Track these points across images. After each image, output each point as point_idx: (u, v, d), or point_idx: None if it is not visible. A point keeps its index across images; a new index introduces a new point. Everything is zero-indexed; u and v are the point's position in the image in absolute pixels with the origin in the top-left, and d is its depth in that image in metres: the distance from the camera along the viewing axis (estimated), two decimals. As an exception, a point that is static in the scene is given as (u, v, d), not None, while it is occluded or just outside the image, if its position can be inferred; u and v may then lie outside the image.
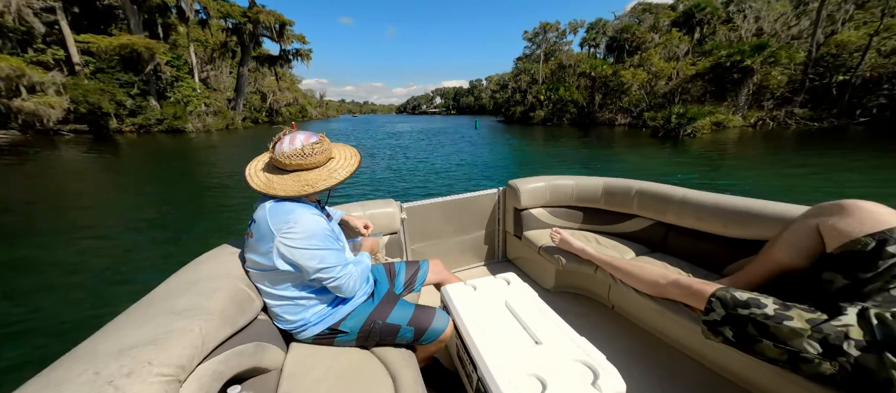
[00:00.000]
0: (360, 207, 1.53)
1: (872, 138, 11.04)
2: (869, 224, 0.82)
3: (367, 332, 0.93)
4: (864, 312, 0.76)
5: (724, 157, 9.46)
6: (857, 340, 0.73)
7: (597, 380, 0.70)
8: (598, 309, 1.53)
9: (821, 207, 0.95)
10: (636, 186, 1.63)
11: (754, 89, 18.23)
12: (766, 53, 16.85)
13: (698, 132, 15.33)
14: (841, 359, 0.73)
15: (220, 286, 0.78)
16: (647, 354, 1.23)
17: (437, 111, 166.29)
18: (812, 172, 6.65)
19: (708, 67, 19.38)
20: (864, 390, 0.71)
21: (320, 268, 0.82)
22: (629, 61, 28.30)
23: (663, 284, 1.10)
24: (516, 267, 1.98)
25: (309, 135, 0.87)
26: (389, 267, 1.18)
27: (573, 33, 42.18)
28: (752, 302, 0.85)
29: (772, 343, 0.80)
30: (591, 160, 10.19)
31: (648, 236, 1.60)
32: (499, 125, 34.70)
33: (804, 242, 0.94)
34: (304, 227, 0.80)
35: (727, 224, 1.26)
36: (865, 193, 5.32)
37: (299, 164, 0.83)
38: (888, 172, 6.18)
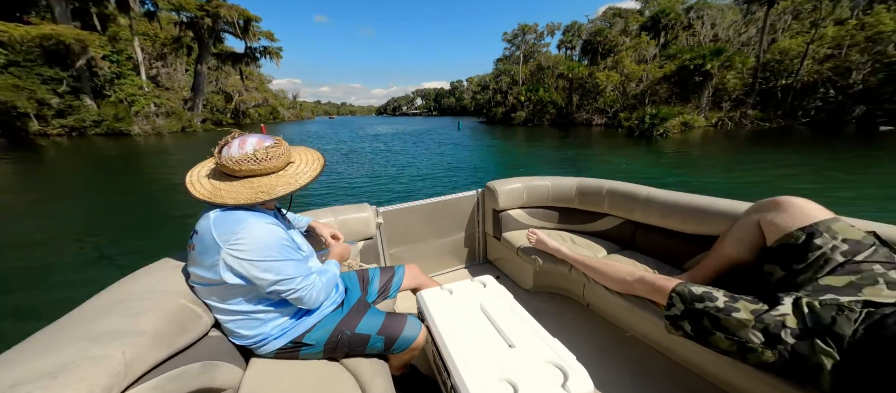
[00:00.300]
0: (332, 213, 1.47)
1: (812, 137, 12.54)
2: (800, 219, 0.90)
3: (334, 343, 0.90)
4: (797, 301, 0.81)
5: (696, 156, 10.33)
6: (793, 329, 0.78)
7: (567, 381, 0.72)
8: (575, 307, 1.57)
9: (761, 203, 1.02)
10: (607, 186, 1.69)
11: (713, 92, 20.07)
12: (723, 58, 18.65)
13: (670, 132, 16.55)
14: (780, 347, 0.78)
15: (156, 304, 0.73)
16: (619, 349, 1.28)
17: (418, 112, 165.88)
18: (761, 169, 7.47)
19: (674, 70, 21.05)
20: (800, 376, 0.77)
21: (277, 280, 0.77)
22: (603, 63, 30.02)
23: (630, 282, 1.14)
24: (497, 268, 2.01)
25: (262, 138, 0.82)
26: (362, 274, 1.16)
27: (550, 35, 43.96)
28: (706, 296, 0.90)
29: (723, 335, 0.85)
30: (577, 161, 10.53)
31: (619, 234, 1.66)
32: (481, 126, 34.61)
33: (748, 236, 1.01)
34: (256, 237, 0.75)
35: (686, 221, 1.33)
36: (802, 189, 6.28)
37: (252, 169, 0.78)
38: (822, 169, 7.13)
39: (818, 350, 0.73)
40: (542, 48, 45.12)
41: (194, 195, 0.78)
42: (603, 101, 27.92)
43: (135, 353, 0.61)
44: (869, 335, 0.70)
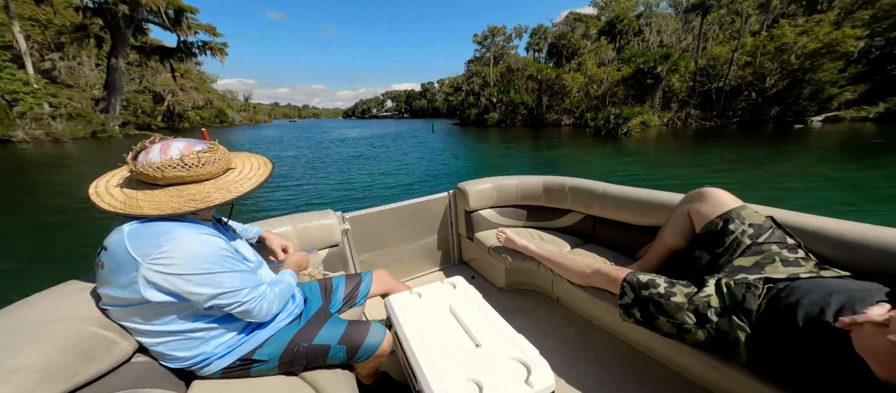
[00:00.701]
0: (290, 221, 1.41)
1: (739, 135, 14.89)
2: (718, 207, 1.04)
3: (290, 356, 0.87)
4: (719, 282, 0.91)
5: (661, 153, 11.53)
6: (716, 308, 0.87)
7: (529, 376, 0.75)
8: (545, 302, 1.63)
9: (689, 195, 1.17)
10: (569, 183, 1.79)
11: (663, 93, 22.87)
12: (670, 62, 21.36)
13: (632, 131, 18.43)
14: (708, 325, 0.87)
15: (49, 335, 0.65)
16: (586, 340, 1.35)
17: (389, 115, 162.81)
18: (702, 163, 8.86)
19: (631, 73, 23.58)
20: (725, 351, 0.85)
21: (218, 294, 0.72)
22: (568, 66, 32.46)
23: (589, 274, 1.22)
24: (472, 269, 2.06)
25: (191, 142, 0.76)
26: (325, 283, 1.14)
27: (518, 38, 46.20)
28: (650, 283, 0.99)
29: (665, 319, 0.93)
30: (556, 163, 10.80)
31: (581, 229, 1.78)
32: (455, 128, 34.69)
33: (681, 225, 1.15)
34: (187, 249, 0.68)
35: (635, 213, 1.47)
36: (723, 181, 7.42)
37: (180, 176, 0.72)
38: (745, 162, 8.62)
39: (735, 326, 0.83)
40: (511, 50, 47.31)
41: (101, 207, 0.70)
42: (569, 101, 30.13)
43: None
44: (769, 308, 0.80)
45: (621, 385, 1.13)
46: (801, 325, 0.73)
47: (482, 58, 48.52)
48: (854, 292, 0.73)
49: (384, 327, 0.99)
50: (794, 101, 17.21)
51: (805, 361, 0.73)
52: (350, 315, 1.14)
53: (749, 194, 1.39)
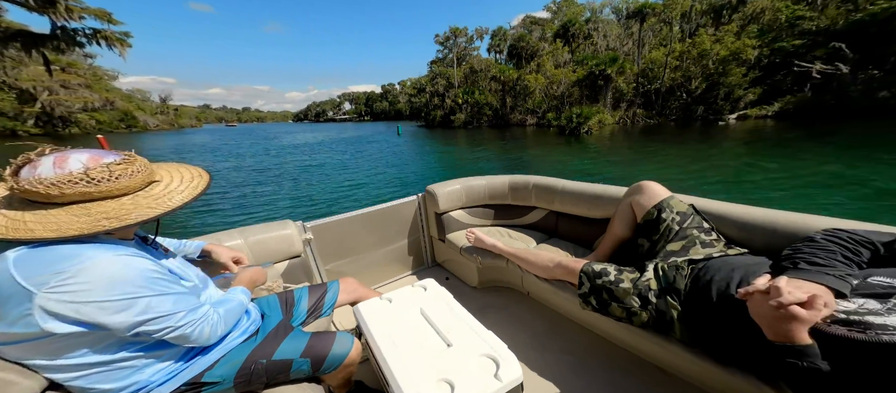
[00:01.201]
0: (240, 235, 1.35)
1: (676, 131, 17.58)
2: (653, 198, 1.19)
3: (247, 375, 0.84)
4: (656, 266, 1.03)
5: (621, 149, 12.90)
6: (655, 290, 0.98)
7: (498, 370, 0.80)
8: (516, 298, 1.71)
9: (631, 188, 1.31)
10: (533, 181, 1.89)
11: (613, 94, 25.76)
12: (617, 65, 24.14)
13: (593, 129, 20.36)
14: (649, 307, 0.97)
15: None
16: (554, 332, 1.43)
17: (348, 117, 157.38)
18: (646, 157, 10.21)
19: (585, 75, 26.10)
20: (664, 329, 0.97)
21: (144, 320, 0.66)
22: (528, 67, 34.70)
23: (552, 267, 1.32)
24: (446, 270, 2.11)
25: (100, 154, 0.68)
26: (286, 296, 1.12)
27: (480, 39, 47.92)
28: (603, 272, 1.10)
29: (617, 304, 1.04)
30: (530, 164, 11.17)
31: (545, 225, 1.89)
32: (421, 130, 34.56)
33: (626, 216, 1.29)
34: (101, 273, 0.62)
35: (590, 207, 1.60)
36: (666, 172, 8.10)
37: (86, 192, 0.64)
38: (679, 157, 9.94)
39: (669, 305, 0.95)
40: (473, 51, 48.88)
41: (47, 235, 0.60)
42: (532, 102, 32.21)
43: None
44: (693, 287, 0.92)
45: (587, 371, 1.22)
46: (715, 299, 0.86)
47: (445, 59, 49.32)
48: (749, 267, 0.87)
49: (352, 336, 0.99)
50: (714, 101, 20.76)
51: (722, 331, 0.85)
52: (317, 326, 1.13)
53: (685, 183, 1.74)
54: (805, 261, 0.75)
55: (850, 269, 0.72)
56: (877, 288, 0.66)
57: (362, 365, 1.10)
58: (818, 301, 0.63)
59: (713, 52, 20.26)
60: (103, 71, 41.04)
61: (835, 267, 0.71)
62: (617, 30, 32.70)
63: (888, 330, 0.59)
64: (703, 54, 20.61)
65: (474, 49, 49.21)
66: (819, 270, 0.71)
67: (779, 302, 0.64)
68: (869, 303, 0.65)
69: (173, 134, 45.70)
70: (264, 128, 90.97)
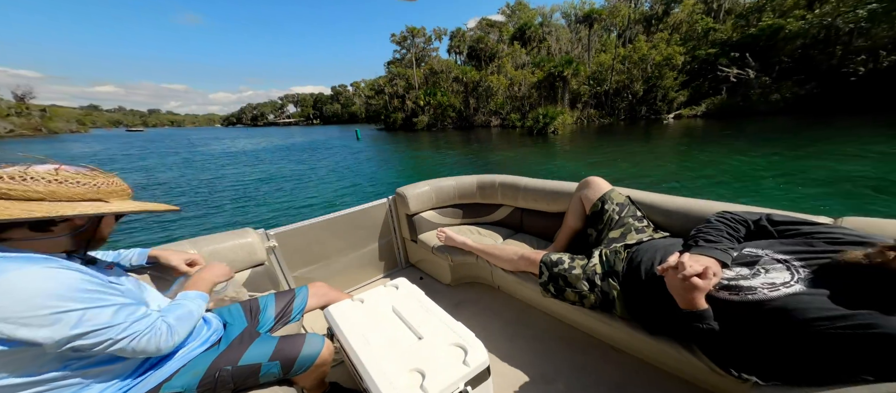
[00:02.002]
0: (192, 245, 1.34)
1: (626, 130, 20.25)
2: (598, 192, 1.42)
3: (212, 382, 0.85)
4: (601, 253, 1.23)
5: (588, 148, 13.92)
6: (599, 274, 1.17)
7: (466, 356, 0.89)
8: (487, 292, 1.85)
9: (580, 183, 1.53)
10: (498, 180, 2.05)
11: (570, 95, 28.66)
12: (573, 67, 26.90)
13: (558, 129, 22.08)
14: (596, 289, 1.16)
15: None
16: (522, 321, 1.58)
17: (294, 121, 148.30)
18: (618, 156, 11.56)
19: (544, 76, 28.49)
20: (608, 308, 1.16)
21: (80, 333, 0.64)
22: (489, 68, 36.44)
23: (516, 260, 1.47)
24: (419, 270, 2.24)
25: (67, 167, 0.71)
26: (249, 304, 1.14)
27: (438, 40, 48.60)
28: (559, 261, 1.28)
29: (571, 290, 1.21)
30: (508, 167, 11.62)
31: (511, 221, 2.06)
32: (382, 135, 33.82)
33: (577, 209, 1.51)
34: (20, 287, 0.60)
35: (549, 202, 1.77)
36: (602, 170, 9.51)
37: (65, 192, 0.68)
38: (628, 153, 11.66)
39: (611, 286, 1.13)
40: (432, 52, 49.47)
41: None
42: (494, 103, 33.79)
43: None
44: (628, 268, 1.11)
45: (549, 353, 1.38)
46: (644, 277, 1.02)
47: (404, 59, 48.94)
48: (668, 248, 1.04)
49: (322, 336, 1.02)
50: (654, 102, 24.54)
51: (651, 305, 1.00)
52: (287, 332, 1.15)
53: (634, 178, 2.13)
54: (703, 239, 0.92)
55: (732, 243, 0.90)
56: (747, 257, 0.84)
57: (337, 368, 1.21)
58: (709, 271, 0.79)
59: (650, 58, 23.93)
60: None
61: (721, 242, 0.89)
62: (567, 34, 36.28)
63: (753, 291, 0.76)
64: (643, 59, 24.21)
65: (433, 50, 49.87)
66: (711, 245, 0.88)
67: (683, 275, 0.79)
68: (742, 271, 0.82)
69: (41, 142, 35.11)
70: (183, 133, 76.49)
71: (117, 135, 65.14)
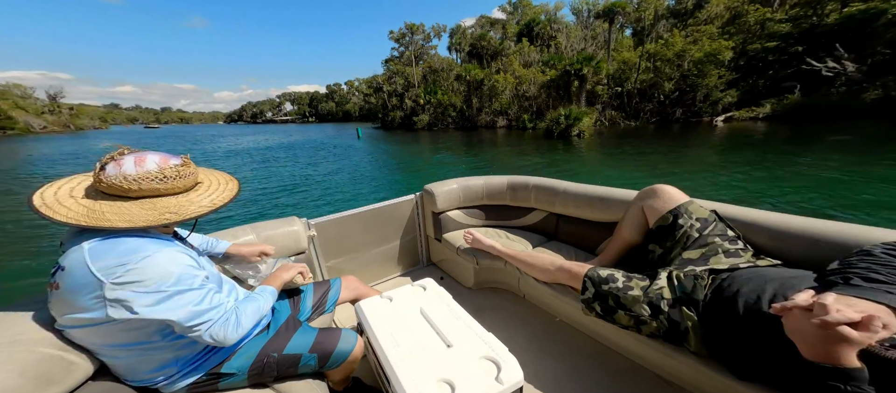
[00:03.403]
0: (252, 230, 1.37)
1: (661, 134, 15.95)
2: (669, 203, 1.13)
3: (259, 368, 0.86)
4: (670, 274, 0.97)
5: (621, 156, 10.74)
6: (668, 299, 0.93)
7: (499, 373, 0.78)
8: (512, 300, 1.67)
9: (643, 191, 1.24)
10: (533, 182, 1.84)
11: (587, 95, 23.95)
12: (593, 64, 22.27)
13: (585, 132, 17.65)
14: (661, 316, 0.92)
15: (3, 359, 0.62)
16: (552, 335, 1.40)
17: (291, 119, 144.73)
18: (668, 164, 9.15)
19: (557, 75, 23.86)
20: (677, 340, 0.91)
21: (182, 318, 0.68)
22: (495, 66, 31.98)
23: (552, 271, 1.27)
24: (441, 270, 2.07)
25: (167, 156, 0.74)
26: (292, 291, 1.11)
27: (437, 38, 44.07)
28: (609, 278, 1.05)
29: (624, 312, 0.99)
30: (552, 172, 9.30)
31: (545, 227, 1.83)
32: (381, 133, 31.27)
33: (636, 220, 1.23)
34: (155, 267, 0.65)
35: (594, 210, 1.53)
36: (671, 175, 7.16)
37: (155, 189, 0.70)
38: (685, 160, 9.31)
39: (685, 316, 0.89)
40: (431, 50, 44.88)
41: (55, 219, 0.64)
42: (499, 103, 29.39)
43: None
44: (714, 298, 0.86)
45: (584, 376, 1.19)
46: (741, 312, 0.80)
47: (402, 57, 44.27)
48: (786, 280, 0.80)
49: (355, 333, 0.99)
50: (692, 103, 19.89)
51: (746, 346, 0.79)
52: (320, 322, 1.14)
53: (692, 191, 1.17)
54: (860, 277, 0.69)
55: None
56: None
57: (360, 362, 1.09)
58: (875, 322, 0.56)
59: (689, 54, 19.25)
60: None
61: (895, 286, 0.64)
62: (578, 31, 31.67)
63: None
64: (680, 55, 19.52)
65: (432, 48, 45.12)
66: (879, 287, 0.65)
67: (824, 320, 0.58)
68: None
69: (69, 138, 34.19)
70: (192, 130, 77.55)
71: (135, 131, 66.50)
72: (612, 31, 25.24)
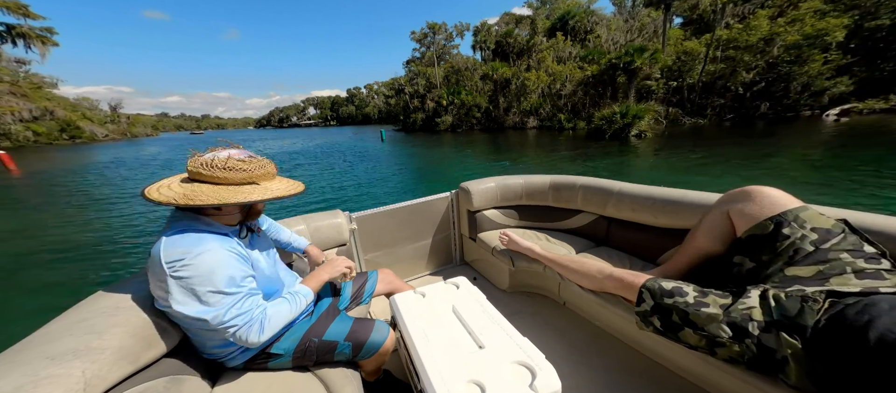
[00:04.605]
0: (303, 221, 1.41)
1: (744, 133, 12.30)
2: (768, 208, 0.88)
3: (302, 351, 0.88)
4: (765, 293, 0.78)
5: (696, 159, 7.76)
6: (759, 321, 0.74)
7: (534, 380, 0.71)
8: (550, 306, 1.53)
9: (730, 194, 0.99)
10: (580, 182, 1.66)
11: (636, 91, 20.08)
12: (647, 55, 18.47)
13: (647, 132, 14.28)
14: (747, 340, 0.74)
15: (120, 321, 0.71)
16: (594, 346, 1.26)
17: (313, 123, 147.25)
18: None
19: (600, 70, 20.18)
20: (768, 369, 0.73)
21: (210, 315, 0.71)
22: (524, 63, 28.56)
23: (601, 279, 1.11)
24: (474, 270, 1.97)
25: (248, 151, 0.84)
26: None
27: (460, 37, 40.93)
28: (676, 291, 0.87)
29: (692, 330, 0.82)
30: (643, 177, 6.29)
31: (593, 231, 1.63)
32: (401, 136, 28.93)
33: (719, 228, 0.99)
34: (205, 264, 0.71)
35: (657, 214, 1.31)
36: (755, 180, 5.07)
37: (242, 175, 0.78)
38: (766, 162, 6.75)
39: (784, 343, 0.71)
40: (453, 49, 41.78)
41: (160, 201, 0.73)
42: (529, 102, 25.97)
43: (96, 370, 0.61)
44: (831, 326, 0.67)
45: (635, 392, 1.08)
46: (874, 347, 0.61)
47: (423, 57, 41.44)
48: None
49: (388, 326, 0.98)
50: (784, 95, 15.71)
51: (877, 386, 0.61)
52: (356, 313, 1.13)
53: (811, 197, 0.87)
54: None
55: None
56: None
57: (390, 355, 1.05)
58: None
59: (780, 38, 15.09)
60: (39, 78, 33.71)
61: None
62: (618, 23, 27.54)
63: None
64: (770, 40, 15.39)
65: (454, 47, 41.96)
66: None
67: None
68: None
69: (125, 144, 35.85)
70: (228, 135, 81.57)
71: (182, 137, 71.41)
72: (668, 19, 21.10)
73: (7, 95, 25.29)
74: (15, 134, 25.84)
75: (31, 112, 27.33)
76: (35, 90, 30.88)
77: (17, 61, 24.48)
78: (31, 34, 16.09)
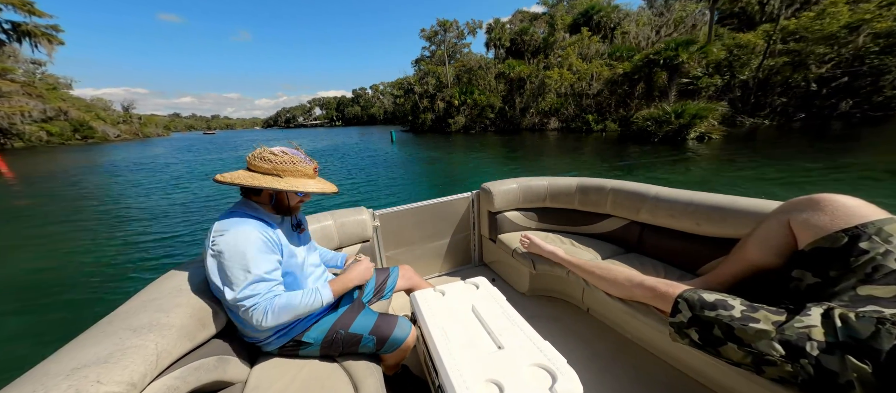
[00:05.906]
0: (331, 216, 1.45)
1: (822, 137, 9.82)
2: (842, 219, 0.76)
3: (330, 341, 0.91)
4: (829, 312, 0.70)
5: None
6: (820, 342, 0.67)
7: (555, 384, 0.69)
8: (573, 312, 1.48)
9: (793, 202, 0.89)
10: (610, 185, 1.59)
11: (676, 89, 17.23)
12: (692, 51, 15.65)
13: (712, 134, 11.57)
14: (803, 361, 0.67)
15: (182, 302, 0.77)
16: (618, 355, 1.21)
17: (319, 123, 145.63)
18: None
19: (635, 67, 17.38)
20: (825, 391, 0.65)
21: (228, 286, 0.77)
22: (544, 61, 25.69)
23: (629, 287, 1.06)
24: (493, 271, 1.93)
25: (287, 148, 0.90)
26: None
27: (472, 34, 37.96)
28: (720, 303, 0.81)
29: (736, 346, 0.75)
30: None
31: (623, 236, 1.55)
32: (411, 137, 26.49)
33: (776, 239, 0.89)
34: (231, 236, 0.77)
35: (700, 222, 1.22)
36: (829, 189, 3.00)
37: (292, 168, 0.86)
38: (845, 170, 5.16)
39: (850, 367, 0.63)
40: (464, 48, 38.82)
41: (222, 181, 0.82)
42: (547, 102, 23.16)
43: (165, 344, 0.66)
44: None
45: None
46: None
47: (433, 56, 38.49)
48: None
49: (410, 322, 0.98)
50: (874, 92, 12.86)
51: None
52: (377, 307, 1.13)
53: None
54: None
55: None
56: None
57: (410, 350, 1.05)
58: None
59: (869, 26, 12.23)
60: (50, 79, 33.20)
61: None
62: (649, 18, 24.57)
63: None
64: (855, 27, 12.52)
65: (465, 45, 38.95)
66: None
67: None
68: None
69: (136, 145, 34.44)
70: (234, 135, 78.82)
71: (189, 137, 69.10)
72: (713, 9, 18.17)
73: (19, 95, 23.47)
74: (28, 134, 24.34)
75: (43, 112, 26.09)
76: (50, 91, 29.52)
77: (32, 62, 23.97)
78: (37, 32, 14.81)
